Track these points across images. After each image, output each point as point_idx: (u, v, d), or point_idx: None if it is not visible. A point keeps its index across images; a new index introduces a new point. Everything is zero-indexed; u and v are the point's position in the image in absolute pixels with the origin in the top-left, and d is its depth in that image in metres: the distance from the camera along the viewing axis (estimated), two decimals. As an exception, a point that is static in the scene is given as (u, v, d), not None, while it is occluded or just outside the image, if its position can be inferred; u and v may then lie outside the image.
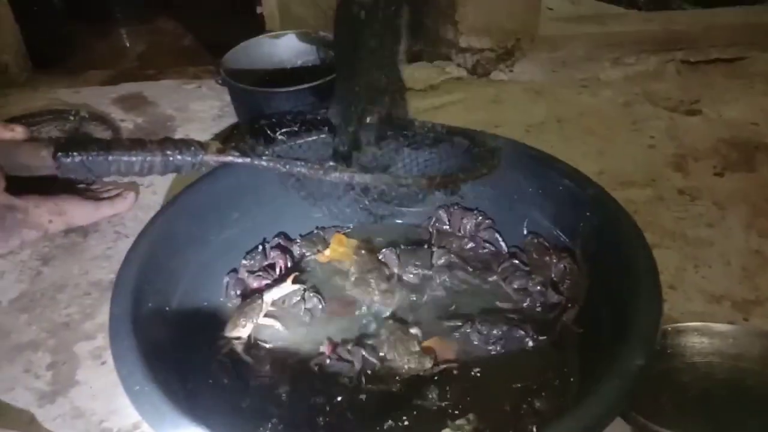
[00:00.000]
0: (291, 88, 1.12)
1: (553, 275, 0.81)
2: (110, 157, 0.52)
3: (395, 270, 0.87)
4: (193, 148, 0.55)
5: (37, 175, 0.53)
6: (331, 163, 0.71)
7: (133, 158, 0.53)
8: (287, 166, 0.61)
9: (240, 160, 0.60)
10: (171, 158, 0.54)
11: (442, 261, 0.87)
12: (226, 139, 0.87)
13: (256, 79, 1.24)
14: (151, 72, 1.74)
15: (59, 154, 0.49)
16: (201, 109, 1.41)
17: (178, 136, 1.32)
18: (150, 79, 1.58)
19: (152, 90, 1.49)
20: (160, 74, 1.67)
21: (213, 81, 1.39)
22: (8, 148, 0.48)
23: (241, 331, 0.77)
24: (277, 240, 0.91)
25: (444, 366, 0.73)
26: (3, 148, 0.47)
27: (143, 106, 1.43)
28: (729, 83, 1.45)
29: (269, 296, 0.81)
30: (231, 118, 1.34)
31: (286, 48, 1.31)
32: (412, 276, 0.86)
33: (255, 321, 0.78)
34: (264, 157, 0.61)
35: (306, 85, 1.11)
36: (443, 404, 0.69)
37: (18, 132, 0.51)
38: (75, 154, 0.50)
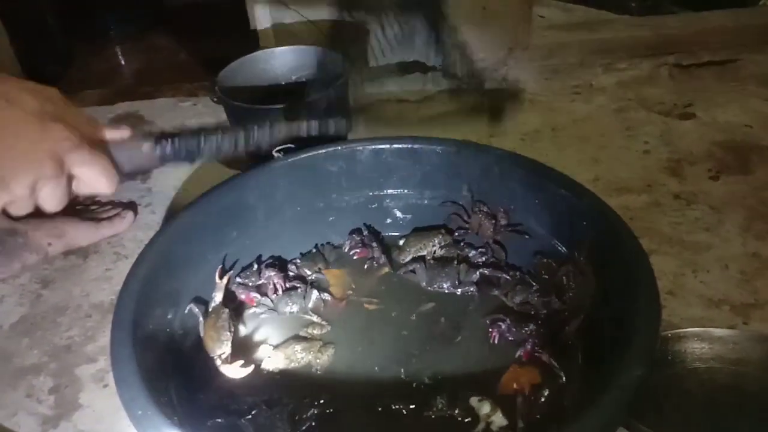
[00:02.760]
0: (286, 105, 1.12)
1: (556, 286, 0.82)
2: (203, 138, 0.57)
3: (423, 284, 0.89)
4: (268, 123, 0.62)
5: (142, 171, 0.60)
6: None
7: (222, 137, 0.59)
8: None
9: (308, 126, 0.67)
10: (252, 133, 0.61)
11: (471, 277, 0.89)
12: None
13: (252, 95, 1.24)
14: (147, 89, 1.75)
15: (158, 144, 0.54)
16: (197, 127, 1.41)
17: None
18: (146, 97, 1.58)
19: (148, 109, 1.50)
20: (155, 91, 1.67)
21: (209, 98, 1.39)
22: (119, 145, 0.53)
23: (225, 346, 0.77)
24: (270, 259, 0.91)
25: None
26: (116, 146, 0.53)
27: (140, 125, 1.44)
28: (721, 86, 1.45)
29: (218, 299, 0.83)
30: (227, 135, 1.35)
31: (281, 63, 1.31)
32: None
33: (232, 331, 0.79)
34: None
35: (301, 101, 1.11)
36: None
37: (125, 131, 0.56)
38: (171, 141, 0.55)
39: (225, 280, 0.84)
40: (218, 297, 0.83)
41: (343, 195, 0.94)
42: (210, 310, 0.82)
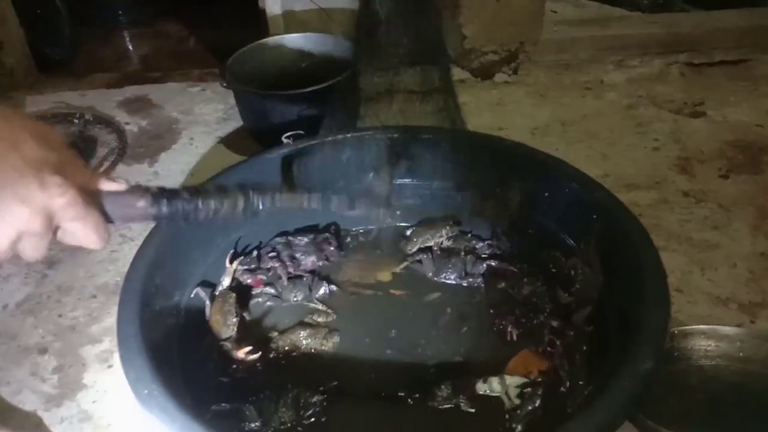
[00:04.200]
0: (296, 91, 1.12)
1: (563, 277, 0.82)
2: (200, 203, 0.55)
3: (429, 275, 0.88)
4: (269, 191, 0.60)
5: (133, 222, 0.57)
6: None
7: (220, 202, 0.57)
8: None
9: (313, 198, 0.64)
10: (252, 200, 0.59)
11: (478, 269, 0.88)
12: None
13: (261, 81, 1.24)
14: (156, 75, 1.74)
15: (156, 203, 0.53)
16: (206, 112, 1.41)
17: (183, 138, 1.33)
18: (155, 82, 1.58)
19: (157, 93, 1.50)
20: (164, 77, 1.67)
21: (218, 84, 1.39)
22: (114, 199, 0.52)
23: (231, 330, 0.77)
24: (275, 244, 0.91)
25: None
26: (110, 200, 0.51)
27: (148, 108, 1.44)
28: (733, 85, 1.45)
29: (225, 283, 0.83)
30: (236, 121, 1.35)
31: (290, 51, 1.31)
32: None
33: (238, 315, 0.79)
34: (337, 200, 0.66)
35: (311, 88, 1.11)
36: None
37: (121, 185, 0.54)
38: (170, 202, 0.54)
39: (235, 264, 0.84)
40: (226, 281, 0.83)
41: (351, 182, 0.93)
42: (217, 294, 0.82)
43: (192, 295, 0.79)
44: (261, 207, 0.60)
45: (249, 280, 0.86)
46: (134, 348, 0.62)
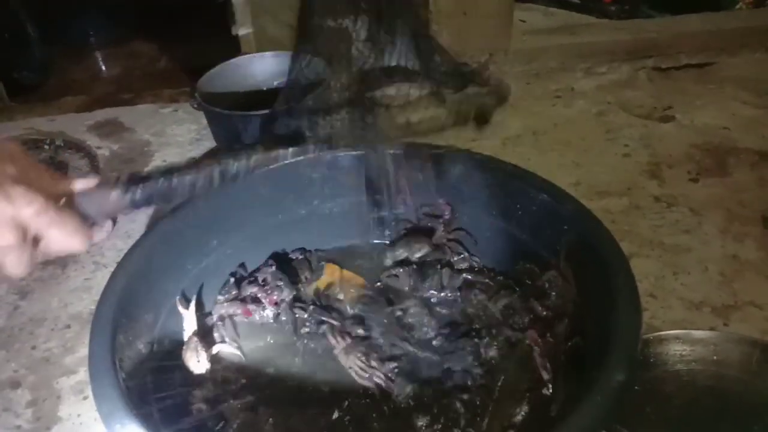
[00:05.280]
0: (267, 111, 1.12)
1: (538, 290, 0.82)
2: (175, 180, 0.54)
3: (406, 289, 0.88)
4: (244, 153, 0.59)
5: (113, 216, 0.55)
6: None
7: (195, 176, 0.56)
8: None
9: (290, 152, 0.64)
10: (228, 166, 0.58)
11: (455, 282, 0.88)
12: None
13: (233, 101, 1.24)
14: (128, 96, 1.73)
15: (129, 190, 0.52)
16: (178, 133, 1.41)
17: (155, 161, 1.32)
18: (126, 104, 1.57)
19: (128, 115, 1.49)
20: (136, 98, 1.65)
21: (189, 104, 1.38)
22: (87, 197, 0.51)
23: (202, 365, 0.76)
24: (255, 272, 0.90)
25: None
26: (83, 198, 0.50)
27: (120, 132, 1.42)
28: (700, 88, 1.47)
29: (189, 330, 0.79)
30: (209, 141, 1.34)
31: (262, 69, 1.31)
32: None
33: (207, 352, 0.77)
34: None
35: (282, 107, 1.11)
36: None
37: (92, 180, 0.53)
38: (142, 186, 0.52)
39: (191, 309, 0.80)
40: (188, 328, 0.79)
41: (325, 202, 0.93)
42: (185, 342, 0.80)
43: (164, 324, 0.78)
44: (238, 170, 0.59)
45: (239, 311, 0.84)
46: (106, 381, 0.61)
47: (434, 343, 0.81)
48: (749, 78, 1.49)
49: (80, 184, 0.52)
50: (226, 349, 0.80)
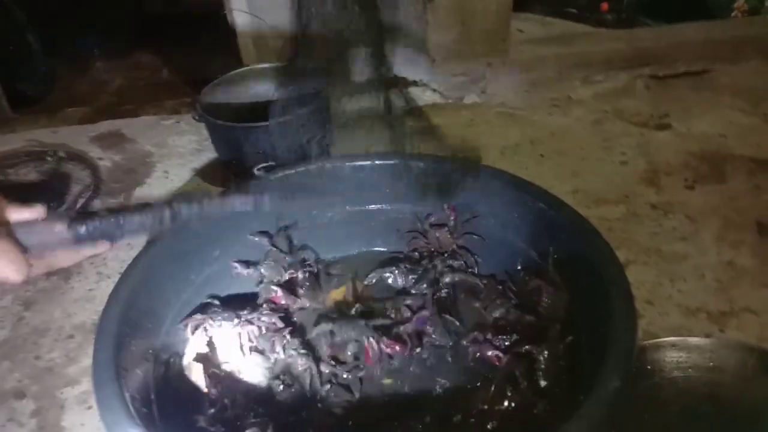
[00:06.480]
0: (268, 123, 1.13)
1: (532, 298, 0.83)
2: (122, 220, 0.54)
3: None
4: (197, 197, 0.59)
5: (56, 249, 0.56)
6: None
7: (144, 216, 0.56)
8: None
9: (245, 200, 0.63)
10: (179, 211, 0.58)
11: (447, 280, 0.89)
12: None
13: (234, 112, 1.25)
14: (129, 107, 1.75)
15: (73, 225, 0.52)
16: (180, 144, 1.42)
17: (157, 172, 1.33)
18: (128, 115, 1.58)
19: (130, 127, 1.50)
20: (138, 109, 1.67)
21: (191, 116, 1.40)
22: (28, 227, 0.50)
23: (207, 381, 0.77)
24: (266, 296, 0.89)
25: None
26: (24, 228, 0.50)
27: (122, 143, 1.44)
28: (696, 96, 1.49)
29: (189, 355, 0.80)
30: (211, 152, 1.35)
31: (263, 81, 1.32)
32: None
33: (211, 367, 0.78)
34: (269, 197, 0.64)
35: (284, 119, 1.12)
36: None
37: (38, 211, 0.52)
38: (88, 222, 0.52)
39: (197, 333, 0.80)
40: (189, 353, 0.79)
41: (324, 211, 0.95)
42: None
43: (169, 334, 0.79)
44: (188, 215, 0.59)
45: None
46: (110, 391, 0.62)
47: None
48: (745, 86, 1.51)
49: (23, 214, 0.51)
50: (232, 364, 0.80)
